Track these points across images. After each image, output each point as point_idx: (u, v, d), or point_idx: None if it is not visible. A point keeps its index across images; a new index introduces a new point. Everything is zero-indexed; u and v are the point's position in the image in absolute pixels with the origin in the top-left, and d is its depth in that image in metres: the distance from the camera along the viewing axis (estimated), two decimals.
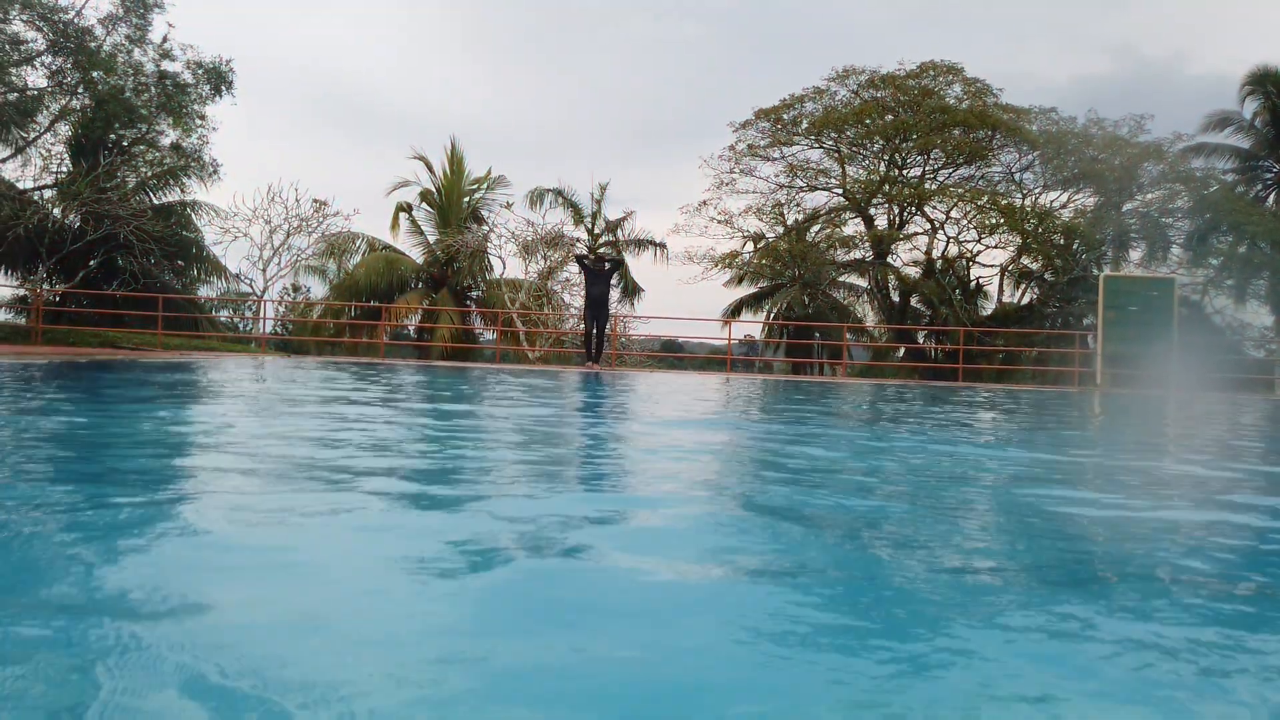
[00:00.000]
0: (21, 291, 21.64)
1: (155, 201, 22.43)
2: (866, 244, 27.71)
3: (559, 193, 29.20)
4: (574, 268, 26.50)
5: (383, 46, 70.23)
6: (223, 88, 21.11)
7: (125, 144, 21.25)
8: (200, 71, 20.86)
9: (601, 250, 27.90)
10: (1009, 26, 56.99)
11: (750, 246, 28.39)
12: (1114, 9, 57.37)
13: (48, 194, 20.94)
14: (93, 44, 19.54)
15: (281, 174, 56.51)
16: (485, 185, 28.15)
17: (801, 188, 28.20)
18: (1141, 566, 2.56)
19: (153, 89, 20.57)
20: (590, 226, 29.59)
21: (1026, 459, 5.24)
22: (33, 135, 20.58)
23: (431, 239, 27.63)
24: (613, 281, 28.95)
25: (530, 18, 69.65)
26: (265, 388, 8.72)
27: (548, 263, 25.02)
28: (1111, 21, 56.95)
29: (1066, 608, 2.04)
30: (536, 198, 28.77)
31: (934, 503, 3.46)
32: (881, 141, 27.33)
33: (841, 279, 29.49)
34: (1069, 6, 57.75)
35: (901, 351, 29.42)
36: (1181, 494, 4.10)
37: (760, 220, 28.36)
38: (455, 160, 27.63)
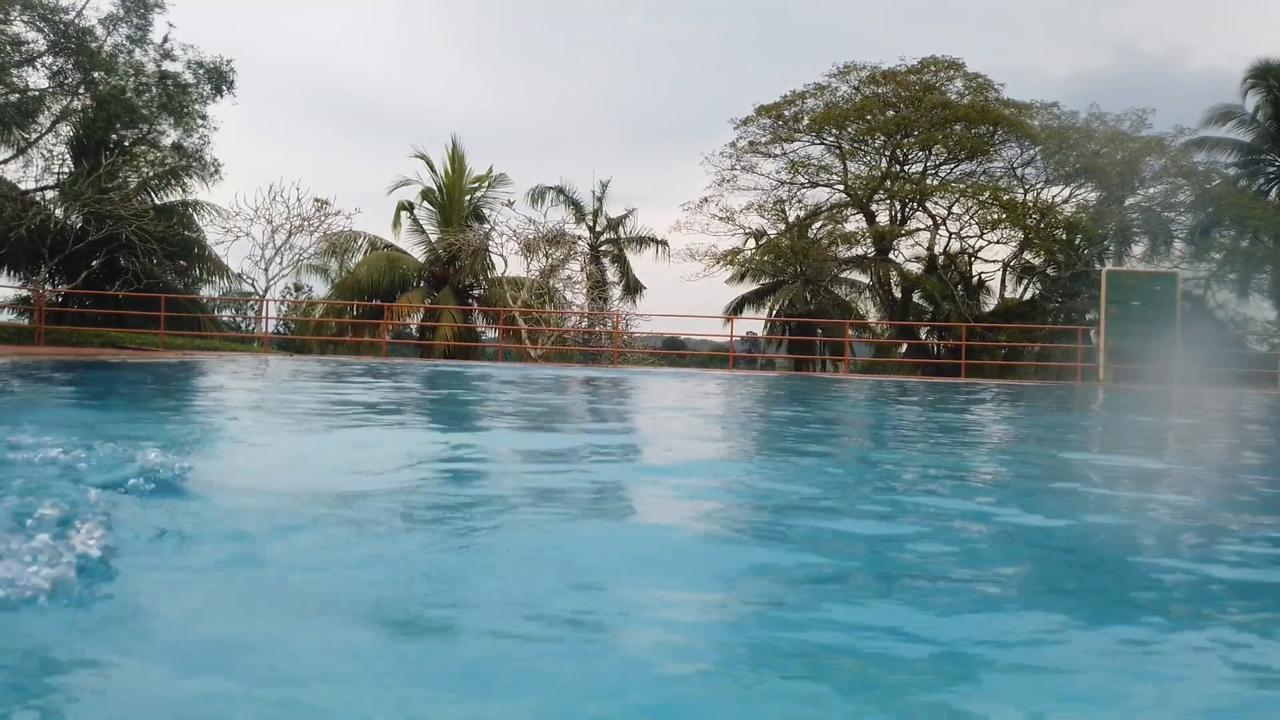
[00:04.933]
0: (24, 292, 21.65)
1: (157, 201, 22.41)
2: (868, 240, 27.66)
3: (560, 190, 29.18)
4: (575, 265, 26.50)
5: (383, 45, 70.02)
6: (224, 87, 21.08)
7: (127, 144, 21.23)
8: (201, 71, 20.83)
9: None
10: (1008, 22, 56.66)
11: (752, 243, 28.35)
12: (1112, 4, 57.12)
13: (49, 195, 20.93)
14: (93, 44, 19.52)
15: (283, 173, 56.37)
16: (486, 183, 28.11)
17: (803, 184, 28.16)
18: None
19: (154, 89, 20.55)
20: (592, 224, 29.57)
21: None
22: (34, 136, 20.57)
23: (433, 237, 27.61)
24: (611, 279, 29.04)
25: (531, 15, 69.46)
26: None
27: (549, 261, 25.00)
28: (1109, 17, 56.66)
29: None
30: (538, 196, 28.74)
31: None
32: (883, 137, 27.27)
33: (843, 275, 29.42)
34: (1067, 2, 57.54)
35: (904, 348, 29.37)
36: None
37: (762, 217, 28.33)
38: (456, 159, 27.59)
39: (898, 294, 28.00)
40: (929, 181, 27.12)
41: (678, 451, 5.01)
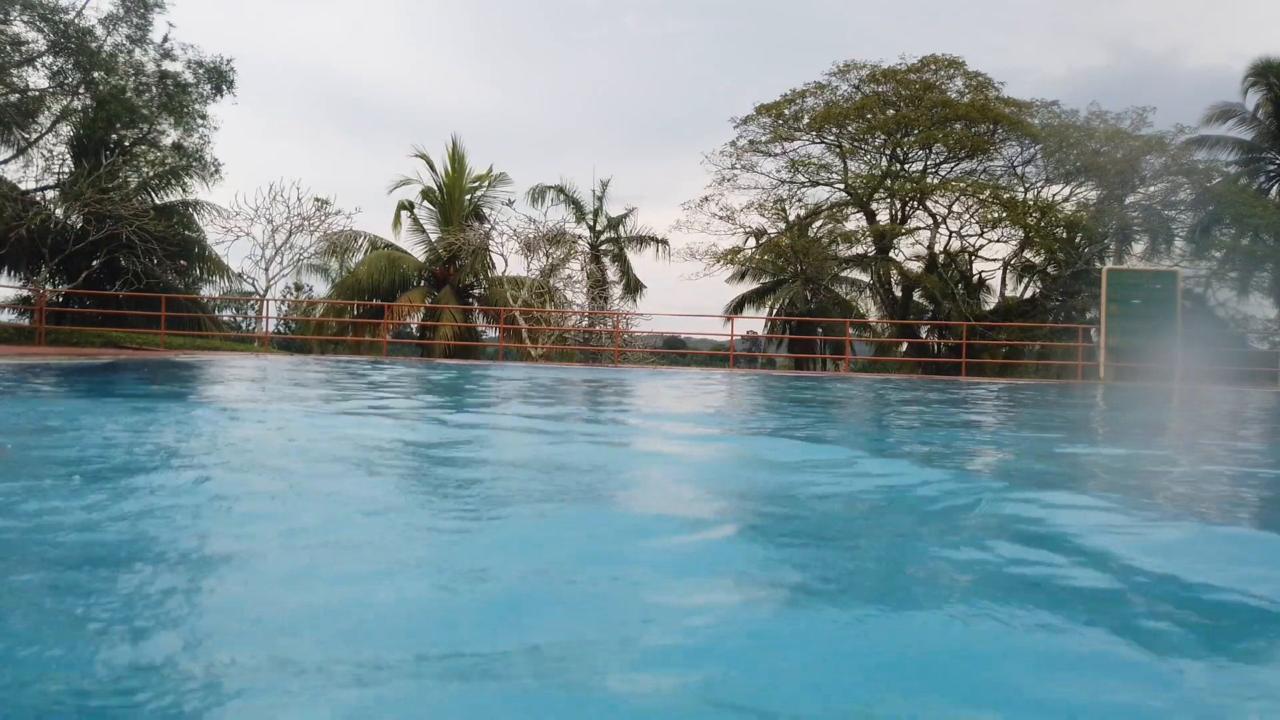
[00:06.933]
0: (25, 292, 21.65)
1: (157, 201, 22.41)
2: (869, 239, 27.63)
3: (560, 190, 29.18)
4: (575, 265, 26.49)
5: (383, 45, 70.05)
6: (223, 87, 21.09)
7: (127, 144, 21.23)
8: (201, 71, 20.83)
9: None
10: (1007, 21, 56.71)
11: (752, 242, 28.34)
12: (1110, 3, 57.14)
13: (50, 194, 20.93)
14: (93, 44, 19.52)
15: (283, 173, 56.43)
16: (487, 183, 28.11)
17: (803, 183, 28.12)
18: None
19: (154, 89, 20.55)
20: (592, 224, 29.57)
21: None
22: (34, 136, 20.57)
23: (433, 237, 27.62)
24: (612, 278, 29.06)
25: (531, 13, 69.48)
26: None
27: (550, 260, 25.00)
28: (1108, 15, 56.71)
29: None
30: (538, 195, 28.74)
31: None
32: (883, 136, 27.24)
33: (844, 274, 29.42)
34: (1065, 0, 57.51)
35: (904, 346, 29.37)
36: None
37: (762, 216, 28.30)
38: (456, 158, 27.59)
39: (898, 293, 27.98)
40: (929, 180, 27.09)
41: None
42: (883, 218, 28.19)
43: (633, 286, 29.46)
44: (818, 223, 28.59)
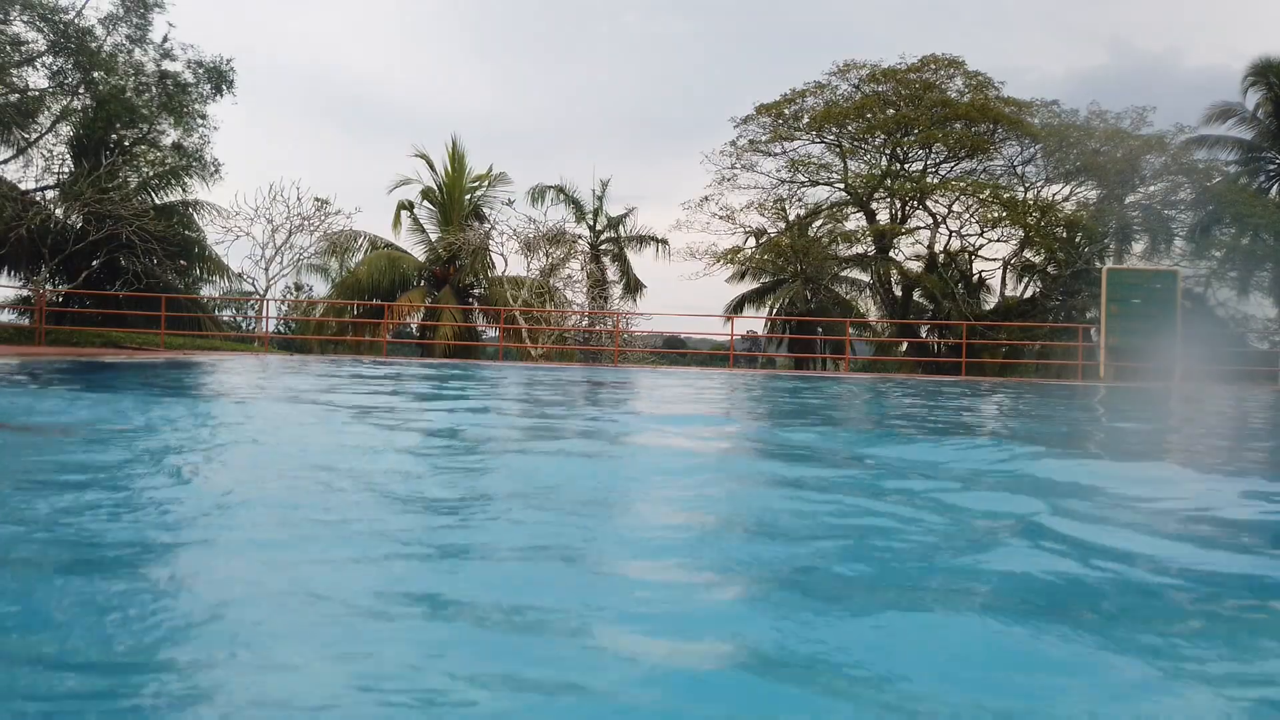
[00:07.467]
0: (25, 292, 21.64)
1: (157, 201, 22.40)
2: (868, 239, 27.62)
3: (560, 190, 29.15)
4: (575, 264, 26.48)
5: (383, 44, 69.98)
6: (223, 87, 21.08)
7: (127, 144, 21.22)
8: (201, 71, 20.83)
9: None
10: (1007, 20, 56.67)
11: (752, 242, 28.32)
12: (1109, 2, 57.10)
13: (50, 194, 20.93)
14: (93, 44, 19.52)
15: (283, 173, 56.33)
16: (487, 182, 28.10)
17: (803, 183, 28.10)
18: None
19: (154, 89, 20.55)
20: (592, 223, 29.55)
21: None
22: (34, 136, 20.56)
23: (433, 237, 27.61)
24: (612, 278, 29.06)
25: (531, 13, 69.46)
26: None
27: (550, 260, 24.99)
28: (1107, 15, 56.68)
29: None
30: (538, 195, 28.70)
31: None
32: (883, 136, 27.22)
33: (844, 274, 29.40)
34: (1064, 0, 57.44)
35: (904, 346, 29.36)
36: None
37: (762, 216, 28.27)
38: (456, 158, 27.58)
39: (898, 292, 27.98)
40: (929, 180, 27.08)
41: None
42: (883, 217, 28.18)
43: (633, 286, 29.44)
44: (818, 222, 28.57)
